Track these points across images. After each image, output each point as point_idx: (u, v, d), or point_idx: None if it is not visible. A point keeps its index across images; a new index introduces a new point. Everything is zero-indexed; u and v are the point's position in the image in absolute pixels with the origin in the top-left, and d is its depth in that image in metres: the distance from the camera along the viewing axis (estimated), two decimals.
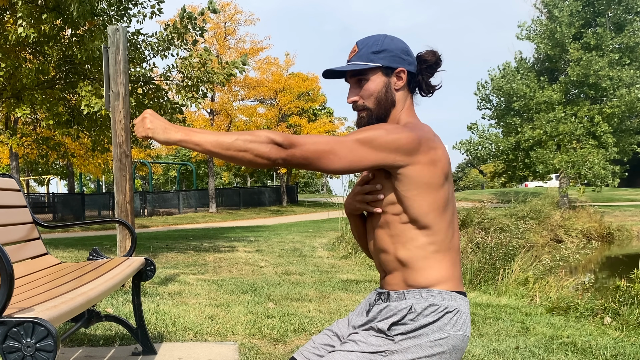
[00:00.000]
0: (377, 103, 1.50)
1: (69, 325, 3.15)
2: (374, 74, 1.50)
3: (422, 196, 1.40)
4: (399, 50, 1.51)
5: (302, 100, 31.79)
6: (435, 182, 1.40)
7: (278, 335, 3.79)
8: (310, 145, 1.33)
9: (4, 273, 1.58)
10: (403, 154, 1.36)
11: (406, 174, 1.39)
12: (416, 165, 1.38)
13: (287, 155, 1.32)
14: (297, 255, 9.21)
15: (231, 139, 1.30)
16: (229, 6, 27.84)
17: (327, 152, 1.34)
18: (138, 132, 1.37)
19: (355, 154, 1.35)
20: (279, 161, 1.32)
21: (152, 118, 1.35)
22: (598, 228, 17.50)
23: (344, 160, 1.35)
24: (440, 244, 1.45)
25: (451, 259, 1.47)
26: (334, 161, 1.35)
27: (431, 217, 1.42)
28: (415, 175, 1.39)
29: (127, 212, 5.42)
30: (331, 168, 1.35)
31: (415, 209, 1.41)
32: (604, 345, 3.80)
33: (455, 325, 1.43)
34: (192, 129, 1.35)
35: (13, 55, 9.33)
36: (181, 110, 9.77)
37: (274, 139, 1.31)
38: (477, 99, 28.01)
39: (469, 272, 6.39)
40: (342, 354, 1.44)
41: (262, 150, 1.30)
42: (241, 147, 1.30)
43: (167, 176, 53.92)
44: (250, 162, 1.32)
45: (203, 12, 9.27)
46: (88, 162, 21.11)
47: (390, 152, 1.36)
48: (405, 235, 1.44)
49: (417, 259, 1.44)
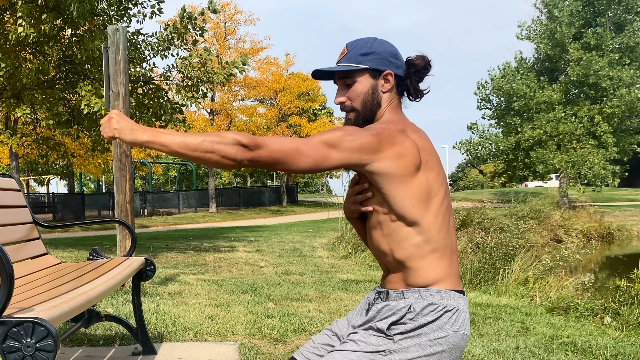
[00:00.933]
0: (364, 104, 1.53)
1: (69, 325, 3.15)
2: (361, 76, 1.52)
3: (400, 190, 1.42)
4: (387, 54, 1.53)
5: (302, 100, 31.79)
6: (407, 174, 1.42)
7: (278, 335, 3.79)
8: (276, 145, 1.35)
9: (4, 273, 1.58)
10: (366, 153, 1.39)
11: (376, 171, 1.41)
12: (382, 161, 1.40)
13: (253, 156, 1.33)
14: (297, 255, 9.21)
15: (198, 140, 1.32)
16: (229, 6, 27.85)
17: (293, 152, 1.36)
18: (104, 133, 1.38)
19: (320, 154, 1.38)
20: (244, 162, 1.34)
21: (118, 118, 1.36)
22: (598, 228, 17.50)
23: (309, 159, 1.37)
24: (436, 243, 1.45)
25: (449, 258, 1.48)
26: (300, 161, 1.37)
27: (416, 211, 1.43)
28: (385, 171, 1.41)
29: (127, 212, 5.42)
30: (297, 168, 1.38)
31: (398, 205, 1.43)
32: (604, 345, 3.80)
33: (455, 324, 1.44)
34: (159, 129, 1.36)
35: (13, 55, 9.33)
36: (181, 110, 9.77)
37: (240, 141, 1.32)
38: (477, 98, 28.02)
39: (469, 272, 6.39)
40: (342, 353, 1.44)
41: (228, 151, 1.32)
42: (207, 149, 1.31)
43: (167, 176, 53.94)
44: (217, 163, 1.33)
45: (203, 12, 9.27)
46: (88, 162, 21.11)
47: (354, 152, 1.39)
48: (398, 234, 1.46)
49: (415, 258, 1.45)
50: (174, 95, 10.75)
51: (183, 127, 9.84)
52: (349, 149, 1.38)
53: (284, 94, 30.40)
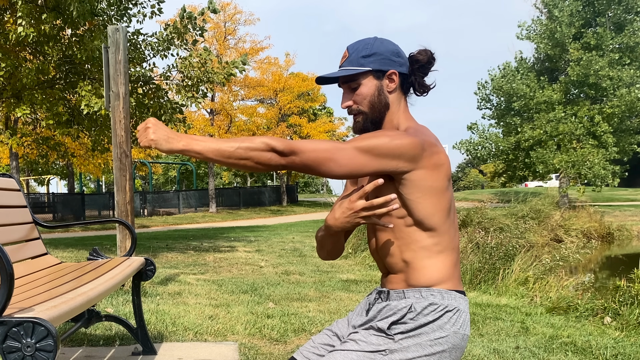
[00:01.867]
0: (371, 107, 1.51)
1: (69, 325, 3.15)
2: (365, 78, 1.51)
3: (427, 199, 1.41)
4: (389, 53, 1.51)
5: (302, 100, 31.80)
6: (440, 186, 1.41)
7: (278, 335, 3.79)
8: (310, 152, 1.34)
9: (4, 273, 1.58)
10: (406, 160, 1.37)
11: (410, 178, 1.39)
12: (420, 170, 1.39)
13: (287, 162, 1.34)
14: (297, 255, 9.21)
15: (232, 148, 1.32)
16: (229, 6, 27.85)
17: (327, 159, 1.35)
18: (141, 142, 1.38)
19: (356, 162, 1.36)
20: (279, 167, 1.35)
21: (155, 128, 1.36)
22: (598, 228, 17.50)
23: (345, 167, 1.36)
24: (445, 245, 1.46)
25: (453, 259, 1.48)
26: (334, 168, 1.36)
27: (436, 219, 1.43)
28: (420, 180, 1.39)
29: (127, 212, 5.42)
30: (331, 174, 1.37)
31: (420, 211, 1.42)
32: (604, 345, 3.79)
33: (455, 324, 1.44)
34: (193, 137, 1.36)
35: (13, 55, 9.33)
36: (181, 110, 9.77)
37: (274, 147, 1.32)
38: (477, 98, 28.04)
39: (469, 272, 6.39)
40: (343, 353, 1.44)
41: (263, 158, 1.33)
42: (242, 156, 1.33)
43: (167, 176, 53.94)
44: (251, 168, 1.35)
45: (203, 12, 9.27)
46: (88, 162, 21.12)
47: (393, 158, 1.36)
48: (410, 237, 1.45)
49: (421, 259, 1.45)
50: (174, 95, 10.75)
51: (183, 127, 9.84)
52: (389, 155, 1.36)
53: (284, 94, 30.40)
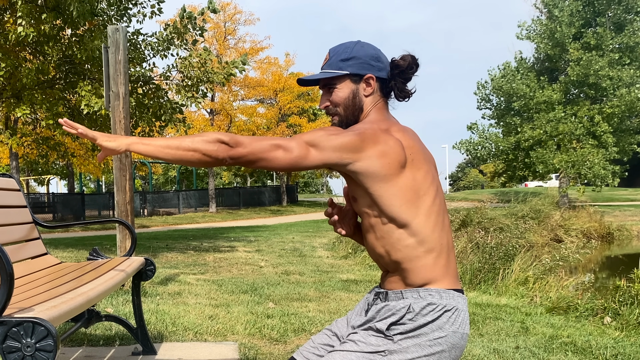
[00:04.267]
0: (345, 109, 1.55)
1: (69, 325, 3.15)
2: (342, 82, 1.54)
3: (386, 189, 1.43)
4: (368, 57, 1.54)
5: (302, 100, 31.79)
6: (391, 172, 1.43)
7: (278, 335, 3.79)
8: (256, 143, 1.39)
9: (4, 273, 1.58)
10: (347, 152, 1.41)
11: (359, 170, 1.43)
12: (365, 160, 1.42)
13: (234, 154, 1.37)
14: (297, 255, 9.21)
15: (179, 140, 1.37)
16: (229, 6, 27.85)
17: (273, 150, 1.39)
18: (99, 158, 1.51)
19: (300, 152, 1.40)
20: (227, 160, 1.37)
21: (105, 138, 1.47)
22: (598, 228, 17.49)
23: (288, 157, 1.40)
24: (430, 243, 1.45)
25: (445, 257, 1.48)
26: (280, 159, 1.40)
27: (405, 211, 1.44)
28: (368, 170, 1.42)
29: (127, 212, 5.42)
30: (277, 165, 1.40)
31: (386, 206, 1.44)
32: (604, 345, 3.79)
33: (454, 324, 1.44)
34: (143, 138, 1.43)
35: (13, 55, 9.33)
36: (181, 110, 9.77)
37: (220, 138, 1.37)
38: (477, 98, 28.03)
39: (469, 272, 6.39)
40: (342, 354, 1.44)
41: (209, 149, 1.36)
42: (189, 147, 1.37)
43: (167, 176, 53.93)
44: (199, 161, 1.37)
45: (203, 12, 9.28)
46: (88, 162, 21.13)
47: (335, 150, 1.40)
48: (390, 236, 1.46)
49: (410, 260, 1.45)
50: (174, 95, 10.75)
51: (183, 127, 9.85)
52: (330, 147, 1.40)
53: (284, 94, 30.40)
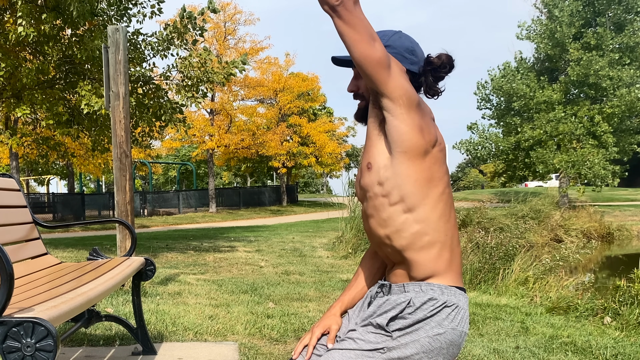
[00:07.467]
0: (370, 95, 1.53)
1: (69, 325, 3.15)
2: None
3: (407, 165, 1.42)
4: (403, 49, 1.52)
5: (302, 100, 31.80)
6: (419, 148, 1.42)
7: (278, 335, 3.79)
8: (363, 22, 1.33)
9: (4, 273, 1.58)
10: (407, 99, 1.39)
11: (401, 122, 1.40)
12: (411, 119, 1.40)
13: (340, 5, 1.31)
14: (297, 255, 9.21)
15: None
16: (229, 6, 27.84)
17: (367, 37, 1.34)
18: None
19: (374, 52, 1.35)
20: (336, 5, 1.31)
21: None
22: (598, 228, 17.51)
23: (361, 47, 1.34)
24: (435, 235, 1.44)
25: (450, 253, 1.47)
26: (357, 41, 1.34)
27: (415, 192, 1.43)
28: (402, 128, 1.40)
29: (127, 212, 5.42)
30: (357, 50, 1.34)
31: (401, 178, 1.42)
32: (604, 345, 3.79)
33: (454, 321, 1.43)
34: None
35: (13, 55, 9.33)
36: (181, 110, 9.77)
37: None
38: (477, 98, 28.05)
39: (469, 272, 6.39)
40: (340, 352, 1.44)
41: None
42: None
43: (167, 176, 53.93)
44: None
45: (203, 12, 9.27)
46: (88, 162, 21.14)
47: (400, 89, 1.39)
48: (395, 220, 1.45)
49: (414, 249, 1.44)
50: (174, 95, 10.74)
51: (183, 127, 9.84)
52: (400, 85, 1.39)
53: (284, 94, 30.40)
